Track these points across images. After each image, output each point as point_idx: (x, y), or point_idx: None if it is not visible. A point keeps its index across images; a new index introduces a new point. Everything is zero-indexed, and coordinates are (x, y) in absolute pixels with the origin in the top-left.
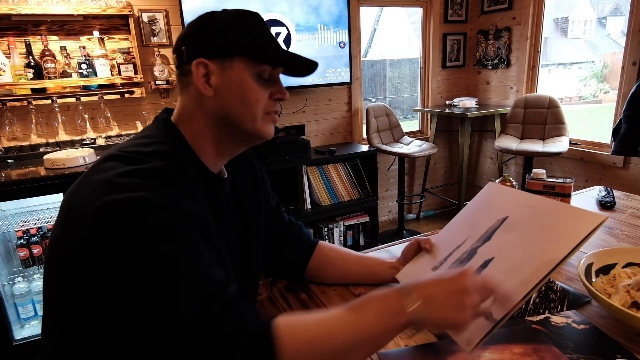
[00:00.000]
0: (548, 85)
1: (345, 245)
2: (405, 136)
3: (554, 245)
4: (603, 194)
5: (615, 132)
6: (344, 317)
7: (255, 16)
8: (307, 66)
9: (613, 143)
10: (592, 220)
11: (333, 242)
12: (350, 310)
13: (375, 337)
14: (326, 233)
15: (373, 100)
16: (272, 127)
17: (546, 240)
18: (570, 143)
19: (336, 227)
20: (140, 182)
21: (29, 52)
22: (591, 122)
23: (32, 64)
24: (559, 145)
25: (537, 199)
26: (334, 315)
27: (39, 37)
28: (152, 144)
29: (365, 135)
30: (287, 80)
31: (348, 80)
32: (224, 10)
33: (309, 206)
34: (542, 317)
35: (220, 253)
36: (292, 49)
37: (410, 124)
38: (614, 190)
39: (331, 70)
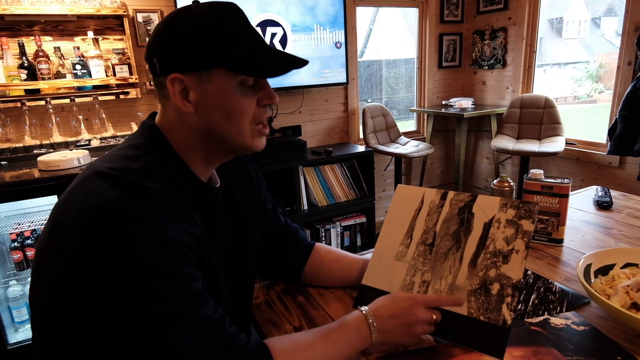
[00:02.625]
0: (543, 86)
1: (342, 246)
2: (402, 136)
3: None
4: (600, 193)
5: (611, 132)
6: (327, 344)
7: (231, 11)
8: (294, 62)
9: (609, 143)
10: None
11: (330, 243)
12: (330, 336)
13: (347, 357)
14: (323, 234)
15: (369, 100)
16: (263, 140)
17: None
18: (566, 143)
19: (333, 227)
20: (126, 213)
21: (22, 52)
22: (586, 121)
23: (26, 64)
24: (555, 145)
25: None
26: (317, 340)
27: (32, 37)
28: (140, 157)
29: (361, 136)
30: (282, 81)
31: (344, 80)
32: (196, 6)
33: (305, 207)
34: (541, 318)
35: (213, 270)
36: (288, 49)
37: (407, 124)
38: (610, 190)
39: (327, 70)
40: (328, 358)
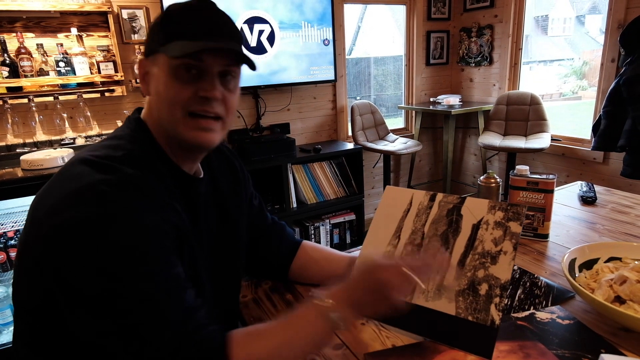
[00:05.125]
0: (529, 82)
1: (331, 244)
2: (390, 134)
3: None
4: (584, 189)
5: (595, 128)
6: (285, 335)
7: (197, 8)
8: (237, 54)
9: (593, 139)
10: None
11: (319, 241)
12: (289, 327)
13: (310, 349)
14: (312, 232)
15: (358, 98)
16: (202, 135)
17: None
18: (551, 139)
19: (322, 225)
20: (106, 197)
21: (3, 49)
22: (571, 118)
23: (7, 62)
24: (541, 141)
25: None
26: (276, 330)
27: (14, 34)
28: (123, 146)
29: (350, 133)
30: (270, 78)
31: (333, 77)
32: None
33: (294, 205)
34: (527, 313)
35: (194, 262)
36: (276, 47)
37: (395, 122)
38: (595, 186)
39: (315, 67)
40: (288, 347)
